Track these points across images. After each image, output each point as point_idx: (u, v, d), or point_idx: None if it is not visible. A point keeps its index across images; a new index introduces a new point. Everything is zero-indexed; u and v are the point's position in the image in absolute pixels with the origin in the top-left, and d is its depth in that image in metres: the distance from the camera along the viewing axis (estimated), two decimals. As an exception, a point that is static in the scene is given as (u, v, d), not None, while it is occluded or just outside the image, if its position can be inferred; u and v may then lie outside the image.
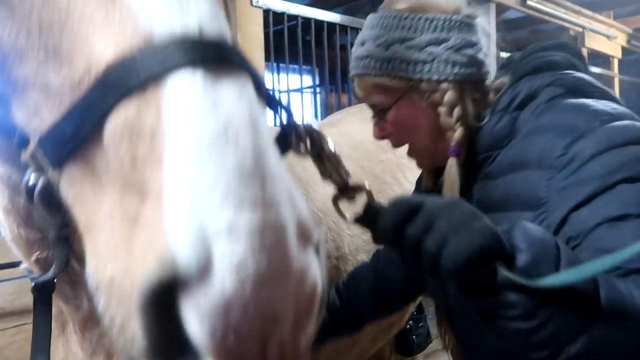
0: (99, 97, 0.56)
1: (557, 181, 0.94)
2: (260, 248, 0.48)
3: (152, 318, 0.52)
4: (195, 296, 0.49)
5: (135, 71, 0.55)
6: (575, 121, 0.97)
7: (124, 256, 0.55)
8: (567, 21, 6.62)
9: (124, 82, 0.55)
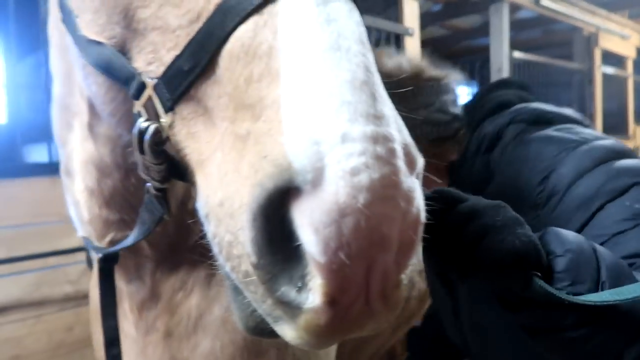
0: (217, 24, 0.61)
1: (544, 216, 0.98)
2: (373, 157, 0.49)
3: (263, 228, 0.52)
4: (309, 203, 0.49)
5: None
6: (544, 155, 1.00)
7: (234, 178, 0.57)
8: (580, 21, 6.57)
9: (241, 6, 0.59)
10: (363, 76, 0.54)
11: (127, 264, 1.20)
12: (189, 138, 0.68)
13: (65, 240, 2.33)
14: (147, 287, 1.21)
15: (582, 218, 0.93)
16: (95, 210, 1.10)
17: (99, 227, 1.13)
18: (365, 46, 0.57)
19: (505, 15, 5.48)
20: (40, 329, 2.29)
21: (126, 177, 1.03)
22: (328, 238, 0.48)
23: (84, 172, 1.08)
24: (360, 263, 0.49)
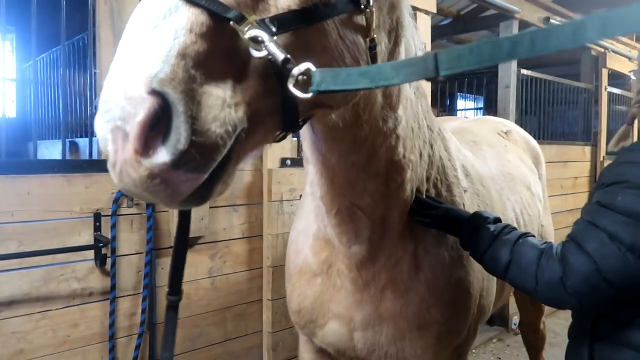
0: None
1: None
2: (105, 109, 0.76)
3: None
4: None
5: None
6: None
7: None
8: (592, 43, 6.62)
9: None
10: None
11: (349, 230, 1.47)
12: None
13: (74, 238, 2.36)
14: (365, 250, 1.50)
15: None
16: (326, 187, 1.41)
17: (328, 199, 1.42)
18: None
19: (515, 32, 5.53)
20: (46, 324, 2.31)
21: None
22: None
23: (311, 156, 1.39)
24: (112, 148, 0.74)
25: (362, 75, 0.81)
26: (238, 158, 0.85)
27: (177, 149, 0.71)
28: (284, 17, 0.84)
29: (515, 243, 1.38)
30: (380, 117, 1.29)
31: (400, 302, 1.56)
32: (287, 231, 3.15)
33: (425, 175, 1.57)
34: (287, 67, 0.80)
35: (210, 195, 0.82)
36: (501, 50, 0.71)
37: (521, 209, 2.39)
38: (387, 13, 1.17)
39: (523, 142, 3.08)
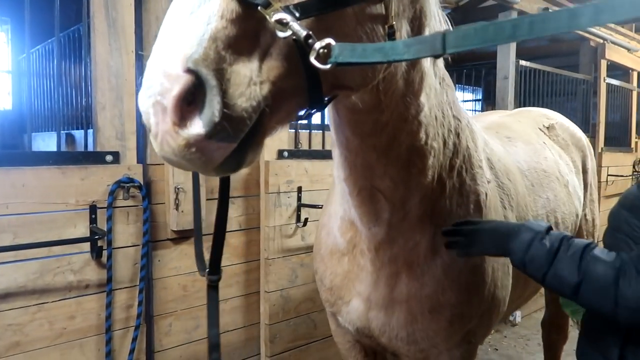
0: None
1: None
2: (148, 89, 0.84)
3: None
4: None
5: None
6: None
7: None
8: (588, 32, 6.59)
9: None
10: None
11: (369, 211, 1.54)
12: None
13: (70, 230, 2.35)
14: (384, 232, 1.57)
15: None
16: (347, 171, 1.49)
17: (352, 181, 1.50)
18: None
19: (514, 23, 5.49)
20: (42, 317, 2.31)
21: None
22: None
23: (336, 140, 1.47)
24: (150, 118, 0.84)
25: (377, 50, 0.88)
26: (264, 131, 0.94)
27: (212, 121, 0.81)
28: (306, 4, 0.91)
29: (581, 260, 1.29)
30: (402, 102, 1.35)
31: (416, 284, 1.62)
32: (285, 223, 3.16)
33: (450, 163, 1.60)
34: (309, 42, 0.87)
35: (243, 162, 0.93)
36: (503, 32, 0.76)
37: (554, 207, 2.39)
38: (409, 2, 1.23)
39: (567, 135, 3.04)
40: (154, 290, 2.74)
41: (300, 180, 3.19)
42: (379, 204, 1.52)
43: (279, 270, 3.14)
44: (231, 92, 0.83)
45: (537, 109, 3.40)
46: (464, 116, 1.70)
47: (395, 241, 1.60)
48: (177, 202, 2.68)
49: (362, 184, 1.49)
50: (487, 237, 1.48)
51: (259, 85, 0.87)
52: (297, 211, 3.17)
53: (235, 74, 0.84)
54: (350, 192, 1.54)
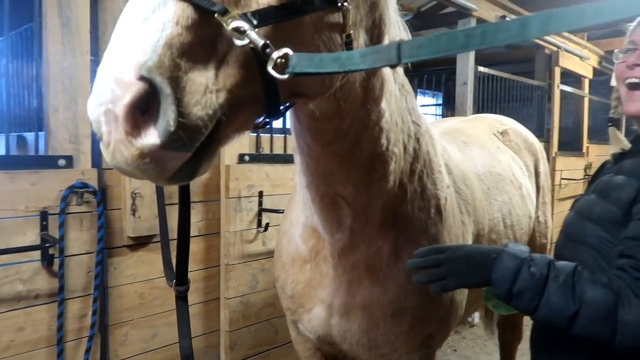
0: None
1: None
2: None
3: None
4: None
5: None
6: None
7: None
8: (542, 40, 6.81)
9: None
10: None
11: (332, 218, 1.54)
12: None
13: (19, 238, 2.25)
14: (346, 238, 1.57)
15: None
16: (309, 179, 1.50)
17: (312, 191, 1.52)
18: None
19: (472, 30, 5.62)
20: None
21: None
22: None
23: (297, 146, 1.48)
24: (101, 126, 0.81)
25: (334, 60, 0.88)
26: (220, 139, 0.93)
27: (167, 130, 0.79)
28: (264, 12, 0.91)
29: (574, 287, 1.18)
30: (362, 109, 1.35)
31: (378, 290, 1.63)
32: (245, 228, 3.12)
33: (411, 168, 1.61)
34: (266, 51, 0.87)
35: (197, 172, 0.91)
36: (456, 42, 0.77)
37: (509, 209, 2.45)
38: (368, 11, 1.23)
39: (520, 140, 3.12)
40: (109, 299, 2.65)
41: (261, 185, 3.16)
42: (341, 210, 1.52)
43: (240, 276, 3.10)
44: (186, 101, 0.82)
45: (492, 115, 3.49)
46: (423, 122, 1.72)
47: (357, 247, 1.60)
48: (133, 207, 2.61)
49: (325, 190, 1.49)
50: (463, 266, 1.32)
51: (215, 94, 0.86)
52: (258, 216, 3.14)
53: (190, 82, 0.83)
54: (313, 199, 1.53)
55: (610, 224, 1.27)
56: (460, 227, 1.87)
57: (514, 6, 6.35)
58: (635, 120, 1.42)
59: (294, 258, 1.81)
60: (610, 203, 1.29)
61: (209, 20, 0.85)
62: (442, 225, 1.72)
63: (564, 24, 0.71)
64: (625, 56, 1.37)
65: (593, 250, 1.31)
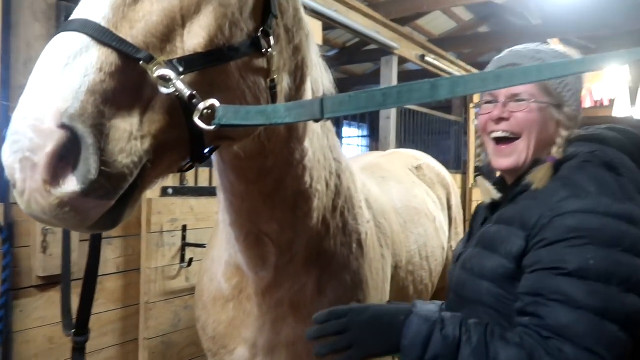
0: None
1: (544, 218, 1.17)
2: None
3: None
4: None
5: None
6: (582, 183, 1.19)
7: None
8: (459, 78, 7.26)
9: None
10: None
11: (257, 255, 1.51)
12: None
13: None
14: (271, 275, 1.54)
15: (552, 237, 1.14)
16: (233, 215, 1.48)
17: (237, 229, 1.50)
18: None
19: (395, 67, 5.91)
20: None
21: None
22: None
23: (221, 185, 1.47)
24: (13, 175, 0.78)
25: (260, 113, 0.91)
26: (144, 185, 0.92)
27: (88, 179, 0.77)
28: (190, 59, 0.92)
29: (487, 348, 1.10)
30: (286, 148, 1.37)
31: (303, 327, 1.60)
32: (167, 264, 3.01)
33: (333, 204, 1.63)
34: (193, 102, 0.88)
35: (119, 219, 0.89)
36: (374, 100, 0.83)
37: (425, 241, 2.53)
38: (291, 55, 1.27)
39: (433, 175, 3.25)
40: (14, 344, 2.44)
41: (185, 219, 3.08)
42: (266, 248, 1.51)
43: (161, 315, 2.97)
44: (111, 149, 0.80)
45: (407, 150, 3.67)
46: (344, 159, 1.76)
47: (282, 284, 1.59)
48: (44, 244, 2.44)
49: (249, 228, 1.48)
50: (369, 332, 1.20)
51: (140, 140, 0.85)
52: (182, 251, 3.05)
53: (114, 129, 0.82)
54: (237, 237, 1.52)
55: (504, 279, 1.21)
56: (381, 261, 1.92)
57: (432, 46, 6.75)
58: (504, 172, 1.45)
59: (215, 297, 1.76)
60: (501, 257, 1.23)
61: (134, 66, 0.84)
62: (364, 260, 1.75)
63: (468, 88, 0.79)
64: (488, 107, 1.38)
65: (491, 309, 1.23)
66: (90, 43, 0.82)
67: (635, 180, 1.23)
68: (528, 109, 1.31)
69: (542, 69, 0.77)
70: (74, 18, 0.86)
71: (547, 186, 1.23)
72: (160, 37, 0.90)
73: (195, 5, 0.95)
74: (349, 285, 1.66)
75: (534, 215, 1.19)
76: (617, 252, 1.08)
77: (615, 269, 1.06)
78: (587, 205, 1.13)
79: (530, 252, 1.17)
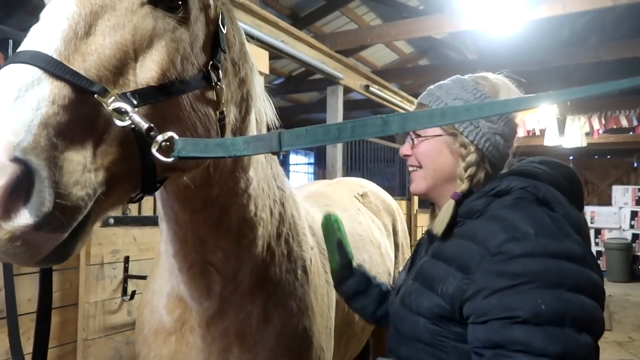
0: None
1: (486, 263, 1.17)
2: None
3: None
4: None
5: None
6: (520, 225, 1.19)
7: None
8: (401, 107, 7.53)
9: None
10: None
11: (201, 285, 1.48)
12: None
13: None
14: (215, 305, 1.51)
15: (498, 285, 1.13)
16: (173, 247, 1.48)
17: (180, 260, 1.49)
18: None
19: (340, 96, 6.04)
20: None
21: None
22: None
23: (164, 215, 1.46)
24: None
25: (219, 146, 0.94)
26: (96, 217, 0.91)
27: (42, 212, 0.76)
28: (143, 92, 0.93)
29: None
30: (231, 177, 1.39)
31: (248, 356, 1.59)
32: (108, 298, 2.88)
33: (277, 231, 1.64)
34: (150, 134, 0.90)
35: (71, 252, 0.87)
36: (330, 134, 0.89)
37: (370, 267, 2.55)
38: (237, 87, 1.31)
39: (379, 202, 3.30)
40: None
41: (127, 249, 2.96)
42: (210, 278, 1.50)
43: (100, 352, 2.81)
44: (65, 181, 0.80)
45: (353, 178, 3.73)
46: (287, 187, 1.79)
47: (227, 314, 1.57)
48: (-28, 280, 2.28)
49: (193, 258, 1.46)
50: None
51: (93, 172, 0.86)
52: (124, 283, 2.92)
53: (67, 161, 0.81)
54: (180, 268, 1.49)
55: (440, 317, 1.24)
56: (325, 287, 1.93)
57: (375, 77, 6.97)
58: (430, 199, 1.51)
59: (157, 330, 1.71)
60: (437, 296, 1.25)
61: (87, 99, 0.85)
62: (309, 286, 1.76)
63: (417, 123, 0.88)
64: (406, 141, 1.51)
65: (429, 346, 1.27)
66: (42, 75, 0.82)
67: (568, 215, 1.26)
68: (423, 143, 1.41)
69: (483, 106, 0.84)
70: (24, 49, 0.85)
71: (484, 225, 1.24)
72: (113, 70, 0.91)
73: (147, 40, 0.97)
74: (294, 312, 1.67)
75: (474, 258, 1.19)
76: (564, 292, 1.08)
77: (565, 309, 1.07)
78: (527, 249, 1.13)
79: (472, 299, 1.17)
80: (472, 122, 1.35)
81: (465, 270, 1.20)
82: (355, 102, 9.77)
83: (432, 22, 6.05)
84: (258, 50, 4.04)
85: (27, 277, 2.58)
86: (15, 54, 0.86)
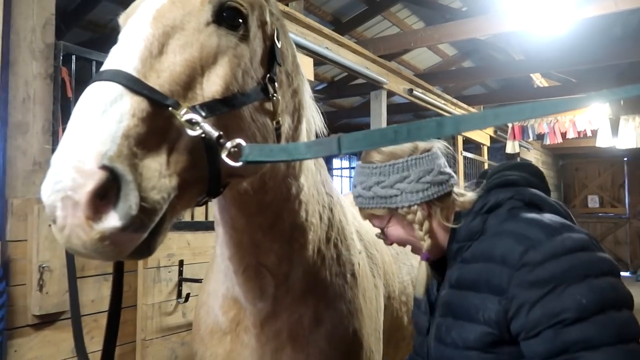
0: None
1: (516, 278, 1.19)
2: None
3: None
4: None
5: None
6: (529, 233, 1.23)
7: None
8: (444, 110, 7.44)
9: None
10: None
11: (255, 287, 1.55)
12: None
13: None
14: (269, 307, 1.59)
15: (535, 295, 1.15)
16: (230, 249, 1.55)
17: (236, 262, 1.56)
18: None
19: (384, 100, 6.03)
20: None
21: None
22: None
23: (221, 219, 1.54)
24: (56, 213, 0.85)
25: (282, 151, 1.02)
26: (171, 218, 1.00)
27: (129, 214, 0.85)
28: (209, 104, 1.03)
29: None
30: (284, 184, 1.46)
31: (301, 357, 1.64)
32: (164, 300, 2.99)
33: (326, 236, 1.69)
34: (220, 142, 0.99)
35: (153, 249, 0.97)
36: (386, 137, 0.92)
37: (411, 272, 2.54)
38: (290, 98, 1.40)
39: None
40: (8, 386, 2.39)
41: (181, 254, 3.07)
42: (264, 280, 1.56)
43: (158, 352, 2.92)
44: (144, 185, 0.89)
45: None
46: (335, 193, 1.84)
47: (280, 315, 1.63)
48: (41, 282, 2.42)
49: (248, 261, 1.53)
50: None
51: (167, 178, 0.94)
52: (179, 286, 3.03)
53: (146, 168, 0.90)
54: (236, 270, 1.56)
55: (492, 344, 1.24)
56: (373, 290, 1.95)
57: (418, 80, 6.92)
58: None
59: (212, 330, 1.78)
60: (481, 325, 1.25)
61: (162, 112, 0.95)
62: (358, 289, 1.79)
63: (470, 125, 0.91)
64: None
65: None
66: (124, 91, 0.91)
67: (553, 207, 1.34)
68: (388, 233, 1.51)
69: (535, 106, 0.86)
70: (107, 69, 0.96)
71: (495, 243, 1.27)
72: (183, 85, 1.00)
73: (212, 56, 1.07)
74: (344, 315, 1.71)
75: (502, 278, 1.21)
76: (592, 280, 1.13)
77: (601, 295, 1.11)
78: (546, 253, 1.17)
79: (517, 317, 1.18)
80: (396, 194, 1.42)
81: (499, 292, 1.22)
82: (397, 105, 9.72)
83: (476, 24, 5.95)
84: (303, 58, 4.11)
85: (91, 279, 2.72)
86: (100, 72, 0.96)
